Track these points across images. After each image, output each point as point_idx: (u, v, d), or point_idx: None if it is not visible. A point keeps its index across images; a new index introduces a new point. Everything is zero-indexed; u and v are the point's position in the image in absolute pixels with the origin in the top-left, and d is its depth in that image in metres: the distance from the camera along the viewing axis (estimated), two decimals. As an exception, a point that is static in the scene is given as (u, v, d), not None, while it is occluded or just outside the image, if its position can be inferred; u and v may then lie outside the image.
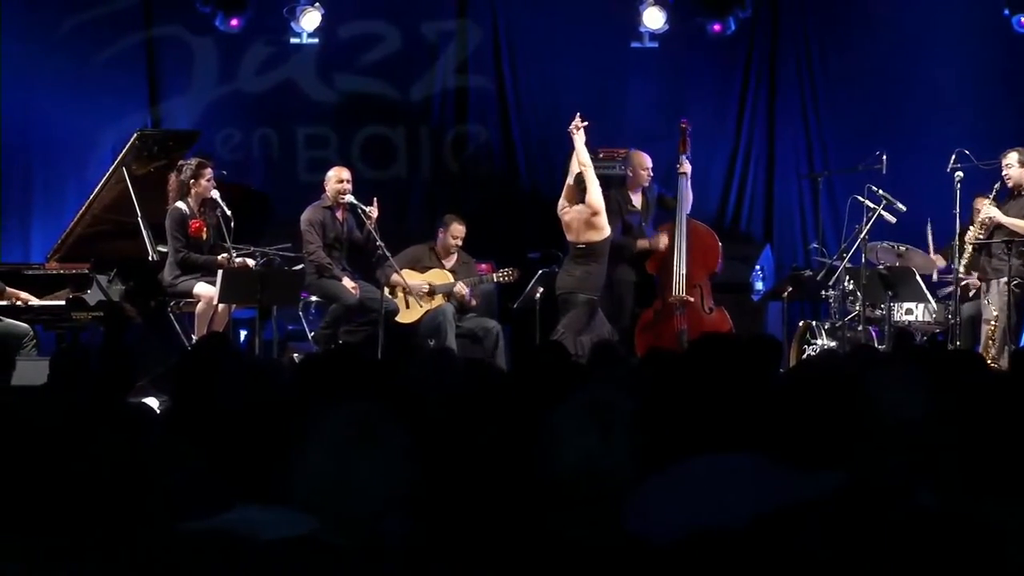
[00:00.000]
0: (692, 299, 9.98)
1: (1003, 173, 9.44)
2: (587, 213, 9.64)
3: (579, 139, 9.65)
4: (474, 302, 10.11)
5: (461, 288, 10.00)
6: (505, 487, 2.89)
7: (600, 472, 2.60)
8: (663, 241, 10.02)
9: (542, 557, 2.50)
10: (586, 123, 9.71)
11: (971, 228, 9.58)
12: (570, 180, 9.76)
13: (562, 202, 9.79)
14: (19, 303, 9.16)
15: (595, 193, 9.63)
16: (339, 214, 9.81)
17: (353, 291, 9.62)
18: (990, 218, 9.39)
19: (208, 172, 9.32)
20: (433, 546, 2.53)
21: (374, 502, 2.50)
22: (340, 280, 9.65)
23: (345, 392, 3.86)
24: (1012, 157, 9.44)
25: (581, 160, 9.67)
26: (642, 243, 10.05)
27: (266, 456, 3.09)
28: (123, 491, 2.87)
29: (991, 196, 9.45)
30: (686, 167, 10.12)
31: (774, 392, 3.29)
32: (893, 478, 2.91)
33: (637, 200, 10.13)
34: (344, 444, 2.53)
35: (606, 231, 9.67)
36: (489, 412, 3.55)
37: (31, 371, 6.59)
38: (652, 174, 10.21)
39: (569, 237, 9.75)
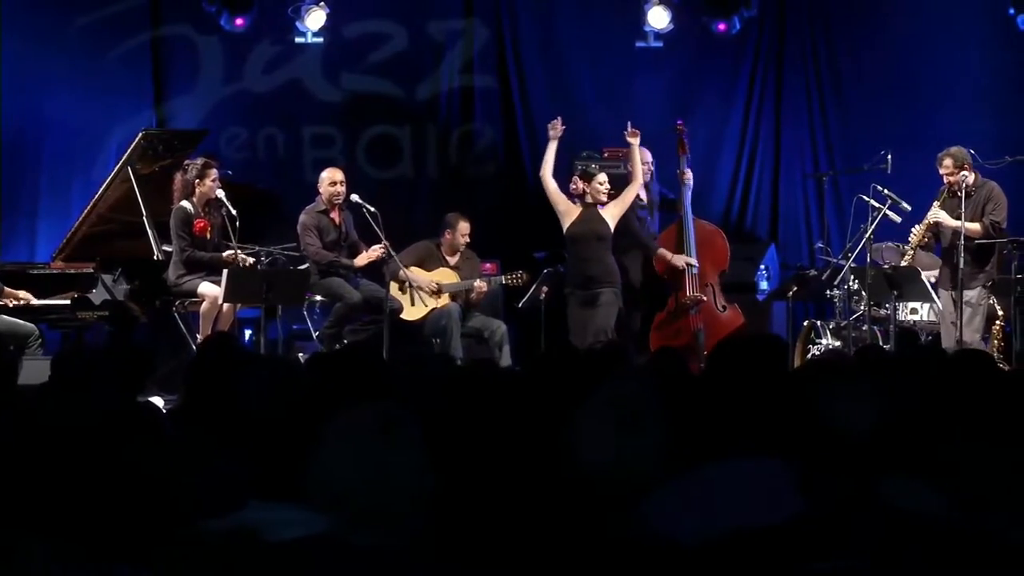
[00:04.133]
0: (706, 298, 9.98)
1: (945, 181, 9.19)
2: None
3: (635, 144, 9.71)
4: (478, 300, 10.09)
5: (481, 285, 9.96)
6: (526, 486, 2.88)
7: (625, 470, 2.60)
8: (682, 260, 9.93)
9: (566, 555, 2.50)
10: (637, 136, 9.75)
11: (915, 228, 9.43)
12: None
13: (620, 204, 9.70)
14: (15, 303, 9.12)
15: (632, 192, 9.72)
16: (334, 215, 9.74)
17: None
18: (936, 221, 9.27)
19: (213, 172, 9.31)
20: (453, 546, 2.52)
21: (395, 501, 2.49)
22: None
23: (356, 391, 3.85)
24: (948, 163, 9.18)
25: (634, 166, 9.69)
26: (663, 253, 9.98)
27: (287, 454, 3.09)
28: (148, 491, 2.87)
29: (939, 200, 9.26)
30: (688, 175, 10.09)
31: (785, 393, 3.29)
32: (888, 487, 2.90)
33: (644, 195, 10.10)
34: (365, 443, 2.52)
35: None
36: (501, 411, 3.55)
37: (37, 371, 6.58)
38: (652, 168, 10.18)
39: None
